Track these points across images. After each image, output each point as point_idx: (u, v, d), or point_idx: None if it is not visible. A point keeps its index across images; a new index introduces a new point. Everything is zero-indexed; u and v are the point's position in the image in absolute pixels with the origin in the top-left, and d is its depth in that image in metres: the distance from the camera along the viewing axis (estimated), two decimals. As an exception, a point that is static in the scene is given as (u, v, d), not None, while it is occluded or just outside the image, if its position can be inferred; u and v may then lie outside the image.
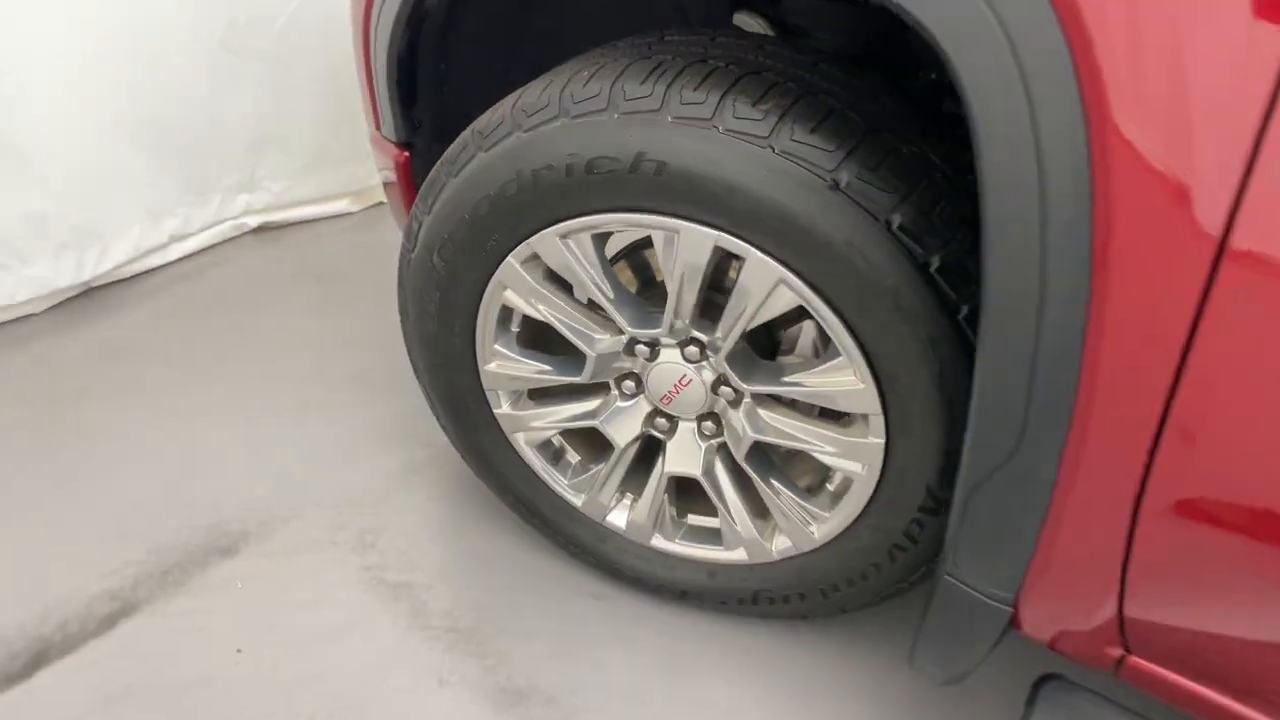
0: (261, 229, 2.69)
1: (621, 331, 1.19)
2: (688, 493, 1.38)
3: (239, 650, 1.41)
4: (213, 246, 2.59)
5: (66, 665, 1.39)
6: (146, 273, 2.46)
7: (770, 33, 1.31)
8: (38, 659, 1.40)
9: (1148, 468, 0.73)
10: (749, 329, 1.08)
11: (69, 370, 2.08)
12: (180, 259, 2.52)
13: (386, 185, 1.58)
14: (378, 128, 1.49)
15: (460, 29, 1.37)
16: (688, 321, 1.13)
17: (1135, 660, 0.88)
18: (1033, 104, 0.65)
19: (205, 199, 2.54)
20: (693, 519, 1.41)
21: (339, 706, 1.33)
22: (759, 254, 0.99)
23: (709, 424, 1.26)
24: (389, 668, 1.38)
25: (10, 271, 2.17)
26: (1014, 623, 0.94)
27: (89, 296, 2.36)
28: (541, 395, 1.36)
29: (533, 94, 1.06)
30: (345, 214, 2.78)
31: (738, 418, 1.20)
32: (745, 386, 1.15)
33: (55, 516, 1.66)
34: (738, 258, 1.02)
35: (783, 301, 1.03)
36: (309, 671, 1.38)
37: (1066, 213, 0.67)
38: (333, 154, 2.67)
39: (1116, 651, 0.88)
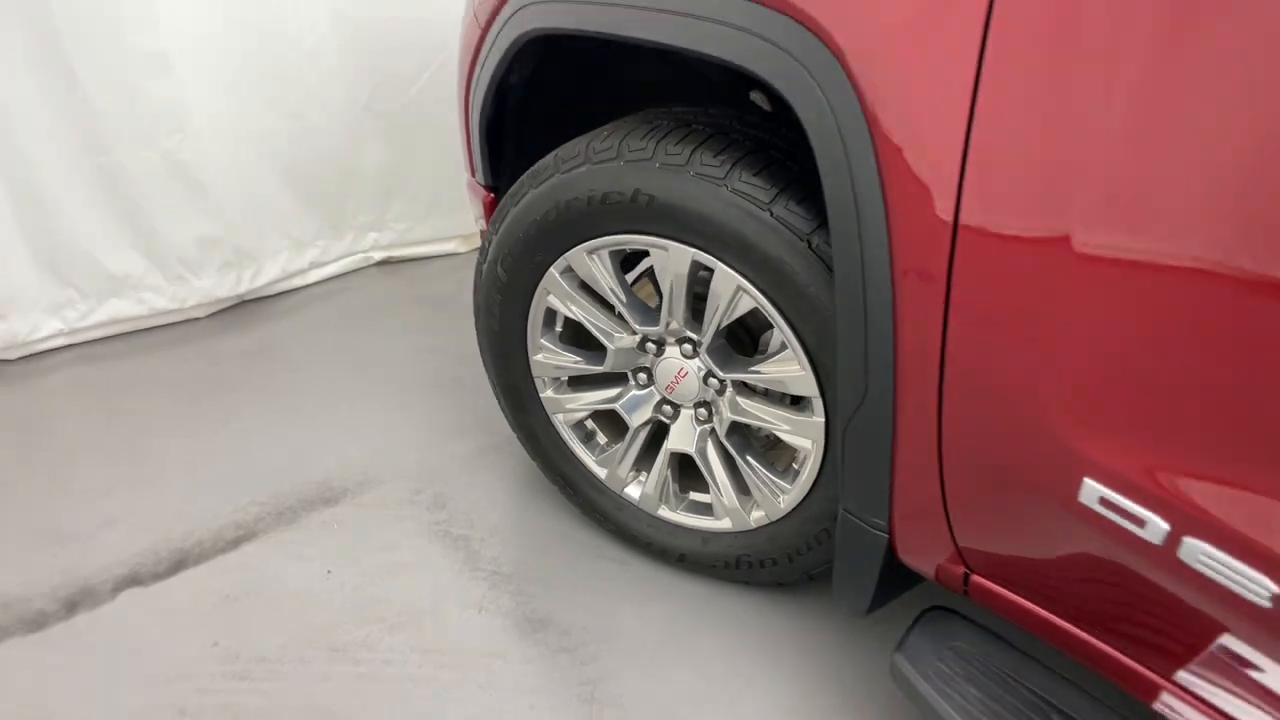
0: (384, 262, 3.15)
1: (634, 331, 1.53)
2: (688, 475, 1.69)
3: (329, 572, 1.78)
4: (344, 274, 3.07)
5: (199, 571, 1.79)
6: (288, 291, 2.95)
7: (767, 108, 1.65)
8: (177, 565, 1.81)
9: (939, 416, 0.99)
10: (723, 327, 1.40)
11: (221, 364, 2.55)
12: (316, 282, 3.00)
13: (481, 233, 1.94)
14: (472, 174, 1.86)
15: (536, 99, 1.75)
16: (680, 323, 1.46)
17: (977, 579, 1.13)
18: (846, 144, 0.96)
19: (341, 234, 3.01)
20: (693, 495, 1.71)
21: (400, 620, 1.68)
22: (724, 267, 1.32)
23: (702, 411, 1.57)
24: (442, 595, 1.73)
25: (184, 283, 2.68)
26: (893, 549, 1.20)
27: (242, 307, 2.86)
28: (577, 383, 1.70)
29: (569, 148, 1.43)
30: (454, 254, 3.22)
31: (722, 403, 1.52)
32: (724, 374, 1.47)
33: (200, 468, 2.10)
34: (712, 270, 1.35)
35: (745, 305, 1.35)
36: (381, 593, 1.74)
37: (871, 221, 0.96)
38: (446, 202, 3.08)
39: (960, 569, 1.13)
